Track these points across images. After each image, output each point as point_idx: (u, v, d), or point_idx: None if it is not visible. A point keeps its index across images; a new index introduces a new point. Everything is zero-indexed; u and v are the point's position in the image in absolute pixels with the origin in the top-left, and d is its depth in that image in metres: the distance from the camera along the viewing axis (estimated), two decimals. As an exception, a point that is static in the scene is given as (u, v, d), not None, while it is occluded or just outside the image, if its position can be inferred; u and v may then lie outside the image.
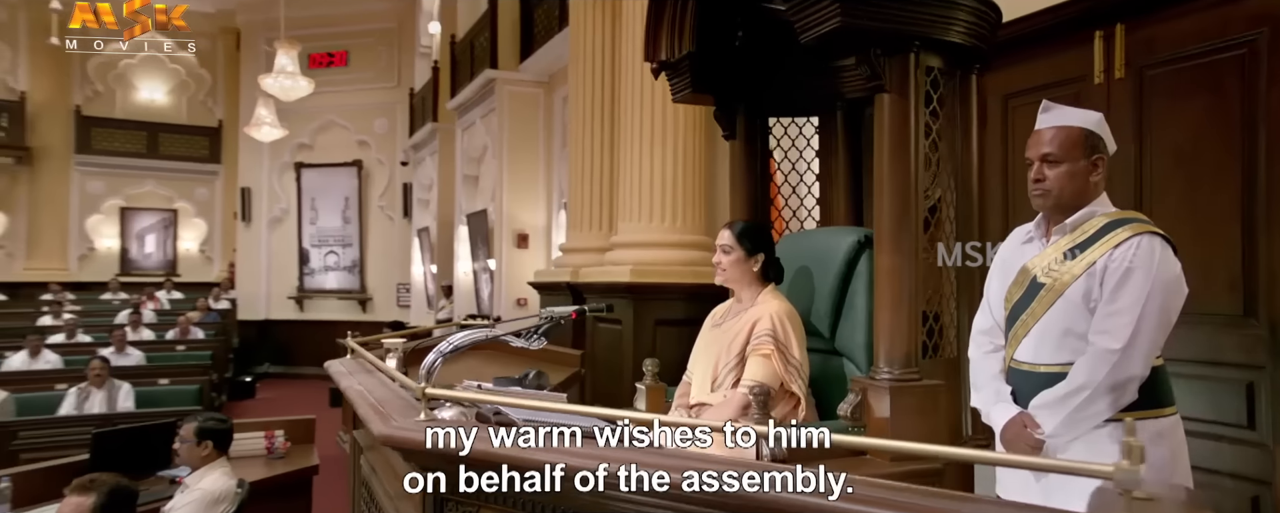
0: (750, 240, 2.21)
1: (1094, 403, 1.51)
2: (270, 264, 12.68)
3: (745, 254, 2.20)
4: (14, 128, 12.28)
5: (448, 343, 1.94)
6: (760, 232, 2.28)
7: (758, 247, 2.21)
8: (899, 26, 1.97)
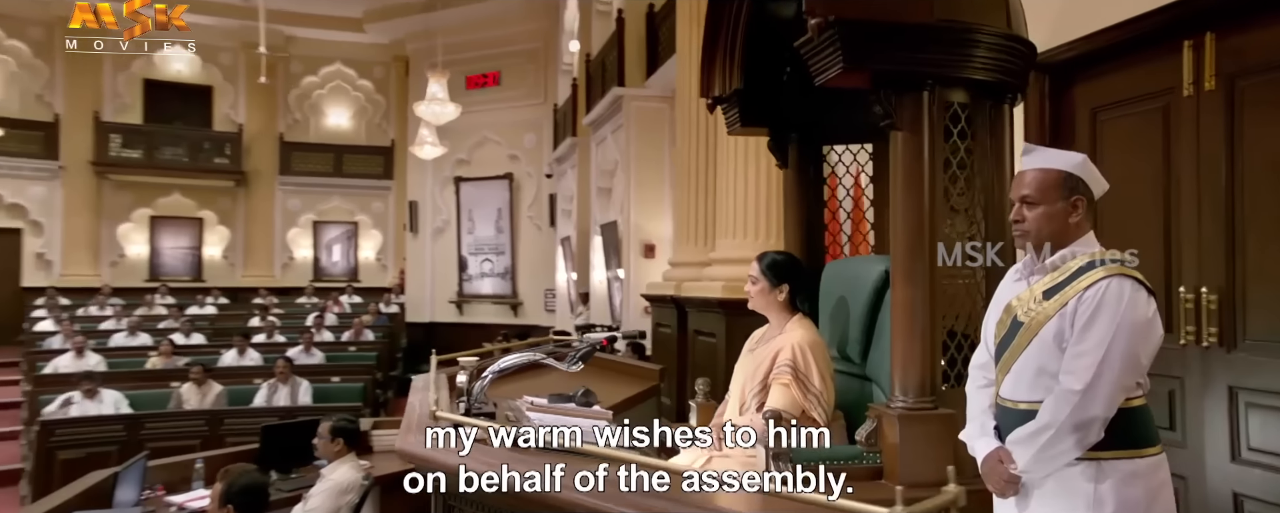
0: (775, 273, 2.35)
1: (1059, 442, 1.54)
2: (434, 271, 13.89)
3: (770, 285, 2.34)
4: (234, 154, 14.29)
5: (497, 366, 2.25)
6: (787, 264, 2.40)
7: (782, 278, 2.34)
8: (907, 68, 2.04)
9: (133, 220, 13.82)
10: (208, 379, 6.60)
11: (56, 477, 5.60)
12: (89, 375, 6.44)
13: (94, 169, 13.15)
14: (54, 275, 12.95)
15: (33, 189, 12.97)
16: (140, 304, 11.74)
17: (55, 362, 7.58)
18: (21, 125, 12.46)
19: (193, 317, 10.67)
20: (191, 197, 14.23)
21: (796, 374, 2.25)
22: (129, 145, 13.42)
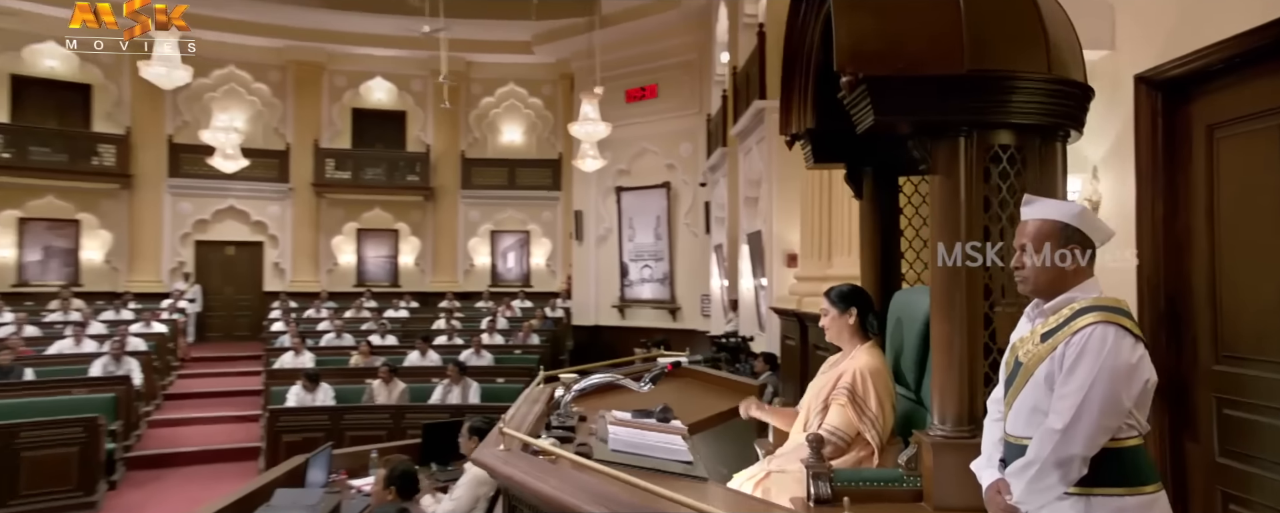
0: (842, 300, 2.55)
1: (1044, 477, 1.65)
2: (598, 277, 14.69)
3: (838, 312, 2.54)
4: (423, 172, 15.95)
5: (579, 385, 2.63)
6: (851, 292, 2.58)
7: (849, 303, 2.53)
8: (940, 117, 2.18)
9: (343, 233, 15.84)
10: (393, 378, 7.59)
11: (281, 456, 6.73)
12: (308, 372, 7.64)
13: (314, 189, 15.23)
14: (286, 282, 15.15)
15: (271, 208, 15.26)
16: (348, 307, 13.49)
17: (282, 358, 9.00)
18: (263, 154, 14.67)
19: (389, 319, 12.11)
20: (389, 211, 16.07)
21: (853, 397, 2.44)
22: (340, 167, 15.41)
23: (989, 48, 2.15)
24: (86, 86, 14.13)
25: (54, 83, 13.90)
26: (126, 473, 7.11)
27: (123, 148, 13.85)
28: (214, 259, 15.05)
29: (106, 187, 13.91)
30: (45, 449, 6.05)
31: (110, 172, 13.76)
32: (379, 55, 15.72)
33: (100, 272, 14.06)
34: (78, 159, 13.54)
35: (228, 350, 12.74)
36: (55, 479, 6.09)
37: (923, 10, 2.20)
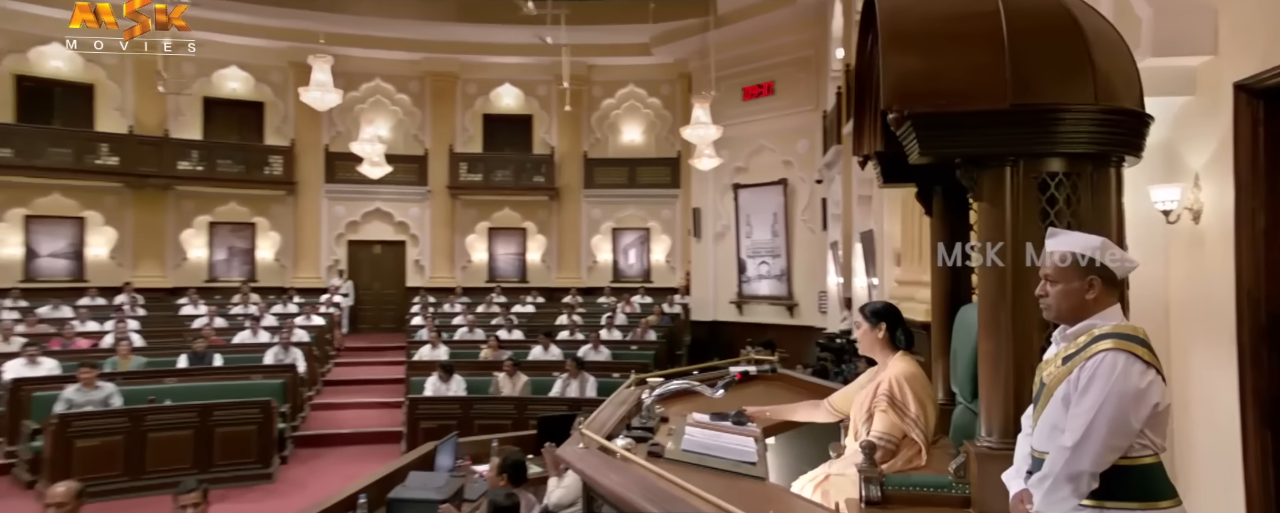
0: (874, 316, 2.74)
1: (1058, 489, 1.80)
2: (716, 273, 14.94)
3: (870, 326, 2.73)
4: (548, 173, 16.76)
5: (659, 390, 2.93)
6: (882, 309, 2.77)
7: (879, 319, 2.72)
8: (985, 149, 2.31)
9: (476, 232, 16.92)
10: (517, 371, 8.21)
11: (419, 440, 7.48)
12: (443, 364, 8.41)
13: (449, 192, 16.37)
14: (425, 278, 16.40)
15: (412, 209, 16.54)
16: (480, 302, 14.46)
17: (421, 351, 9.88)
18: (404, 160, 15.92)
19: (516, 314, 12.90)
20: (517, 210, 17.00)
21: (893, 402, 2.63)
22: (472, 170, 16.47)
23: (1033, 81, 2.26)
24: (260, 104, 15.86)
25: (235, 102, 15.72)
26: (294, 450, 8.12)
27: (288, 158, 15.47)
28: (364, 257, 16.51)
29: (275, 193, 15.59)
30: (232, 426, 7.07)
31: (278, 180, 15.42)
32: (507, 63, 16.64)
33: (271, 269, 15.79)
34: (253, 169, 15.26)
35: (375, 341, 13.99)
36: (240, 452, 7.10)
37: (967, 47, 2.33)
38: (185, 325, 11.51)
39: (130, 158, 13.97)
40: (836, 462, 2.80)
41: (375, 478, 4.07)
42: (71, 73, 14.16)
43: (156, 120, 14.56)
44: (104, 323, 10.91)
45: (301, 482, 7.24)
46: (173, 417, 6.97)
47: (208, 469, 6.85)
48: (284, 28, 14.95)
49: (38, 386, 7.48)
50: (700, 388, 3.07)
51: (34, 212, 13.76)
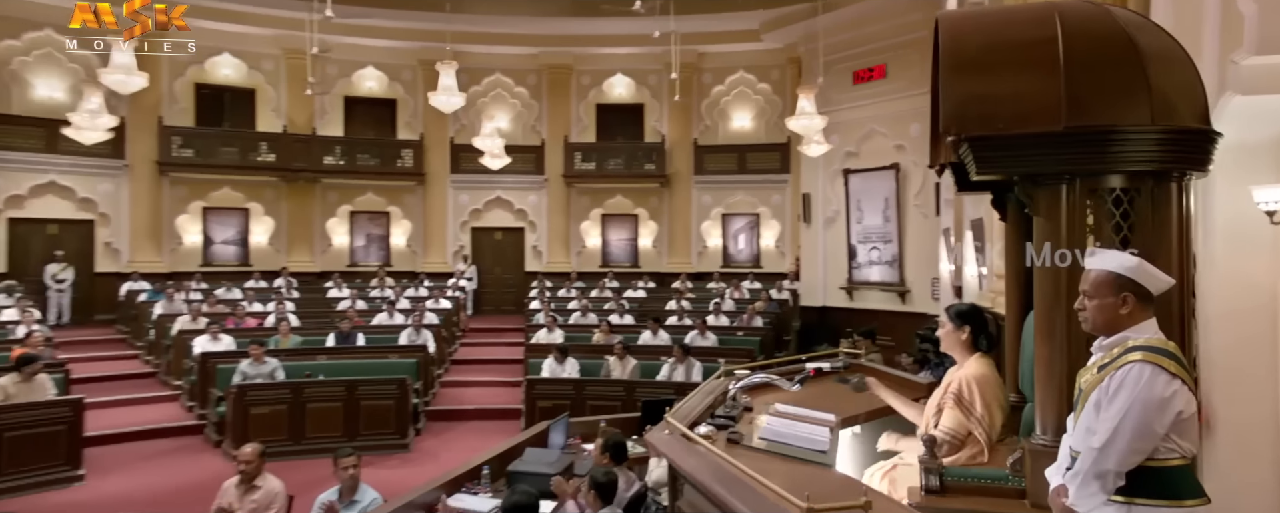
0: (959, 318, 2.91)
1: (1087, 485, 1.99)
2: (825, 258, 14.89)
3: (954, 327, 2.91)
4: (659, 161, 17.16)
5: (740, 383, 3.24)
6: (969, 311, 2.93)
7: (964, 322, 2.89)
8: (1040, 169, 2.47)
9: (590, 218, 17.59)
10: (627, 355, 8.68)
11: (536, 418, 8.10)
12: (559, 347, 9.00)
13: (565, 180, 17.09)
14: (543, 262, 17.25)
15: (530, 197, 17.40)
16: (594, 287, 15.09)
17: (538, 334, 10.55)
18: (522, 150, 16.75)
19: (628, 299, 13.42)
20: (629, 197, 17.53)
21: (960, 401, 2.83)
22: (586, 160, 17.10)
23: (1088, 104, 2.40)
24: (393, 101, 17.10)
25: (371, 100, 17.03)
26: (427, 423, 8.96)
27: (418, 151, 16.63)
28: (486, 243, 17.53)
29: (407, 184, 16.82)
30: (374, 400, 7.93)
31: (410, 172, 16.62)
32: (619, 54, 17.11)
33: (403, 254, 17.08)
34: (387, 162, 16.52)
35: (497, 323, 14.91)
36: (381, 424, 7.96)
37: (1024, 72, 2.49)
38: (331, 306, 12.75)
39: (285, 154, 15.49)
40: (907, 452, 3.02)
41: (497, 452, 4.61)
42: (238, 79, 15.81)
43: (305, 119, 16.02)
44: (266, 304, 12.27)
45: (434, 452, 8.02)
46: (325, 390, 7.91)
47: (354, 438, 7.72)
48: (413, 29, 16.03)
49: (220, 359, 8.64)
50: (779, 381, 3.35)
51: (209, 204, 15.55)
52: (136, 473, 7.23)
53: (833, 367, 3.68)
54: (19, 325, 9.71)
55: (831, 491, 2.12)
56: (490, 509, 3.78)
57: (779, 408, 3.29)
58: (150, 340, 11.12)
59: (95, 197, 14.38)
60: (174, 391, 9.72)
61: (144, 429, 8.40)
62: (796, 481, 2.27)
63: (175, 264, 15.02)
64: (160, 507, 5.23)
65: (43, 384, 7.14)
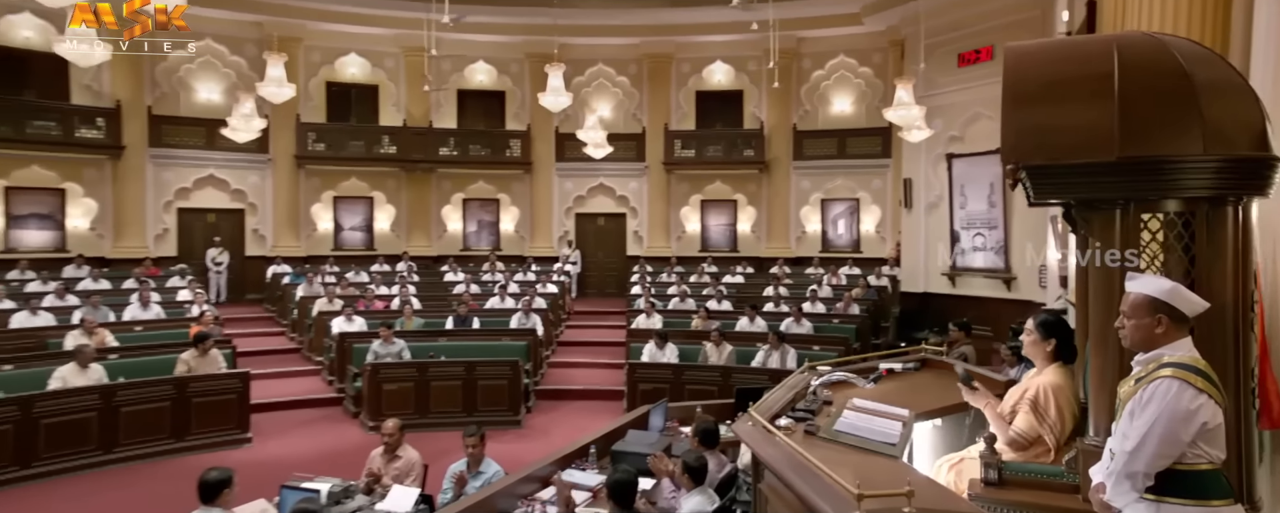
0: (1045, 329, 3.14)
1: (1120, 484, 2.25)
2: (927, 244, 14.69)
3: (1040, 337, 3.14)
4: (757, 147, 17.32)
5: (820, 380, 3.58)
6: (1054, 323, 3.15)
7: (1050, 333, 3.12)
8: (1094, 195, 2.68)
9: (689, 204, 17.97)
10: (723, 341, 9.06)
11: (638, 400, 8.64)
12: (658, 332, 9.48)
13: (665, 167, 17.52)
14: (643, 247, 17.80)
15: (630, 184, 17.95)
16: (693, 272, 15.50)
17: (638, 319, 11.07)
18: (623, 138, 17.29)
19: (726, 285, 13.76)
20: (728, 183, 17.79)
21: (1035, 406, 3.07)
22: (685, 147, 17.46)
23: (1141, 136, 2.60)
24: (501, 93, 17.98)
25: (482, 93, 17.97)
26: (536, 401, 9.66)
27: (525, 141, 17.46)
28: (589, 228, 18.24)
29: (515, 172, 17.70)
30: (490, 380, 8.67)
31: (517, 161, 17.47)
32: (718, 41, 17.30)
33: (512, 239, 18.02)
34: (497, 152, 17.44)
35: (600, 306, 15.58)
36: (496, 401, 8.70)
37: (1080, 105, 2.70)
38: (448, 290, 13.73)
39: (404, 146, 16.65)
40: (974, 447, 3.29)
41: (601, 433, 5.12)
42: (363, 77, 17.06)
43: (423, 112, 17.12)
44: (391, 287, 13.37)
45: (544, 429, 8.70)
46: (447, 370, 8.71)
47: (472, 413, 8.51)
48: (521, 24, 16.79)
49: (355, 339, 9.61)
50: (855, 379, 3.67)
51: (339, 193, 16.94)
52: (291, 438, 8.25)
53: (904, 367, 3.95)
54: (192, 305, 11.09)
55: (886, 480, 2.46)
56: (597, 484, 4.28)
57: (857, 403, 3.62)
58: (294, 319, 12.39)
59: (245, 188, 15.98)
60: (316, 365, 10.86)
61: (294, 400, 9.48)
62: (860, 471, 2.62)
63: (310, 249, 16.49)
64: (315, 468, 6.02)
65: (215, 358, 8.25)
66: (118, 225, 14.76)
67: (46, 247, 14.11)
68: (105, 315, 9.86)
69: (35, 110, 13.53)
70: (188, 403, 7.59)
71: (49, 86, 13.91)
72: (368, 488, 4.67)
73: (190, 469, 7.10)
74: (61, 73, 13.92)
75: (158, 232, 15.32)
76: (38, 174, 14.00)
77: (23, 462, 6.61)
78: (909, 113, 10.97)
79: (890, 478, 2.60)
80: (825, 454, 2.84)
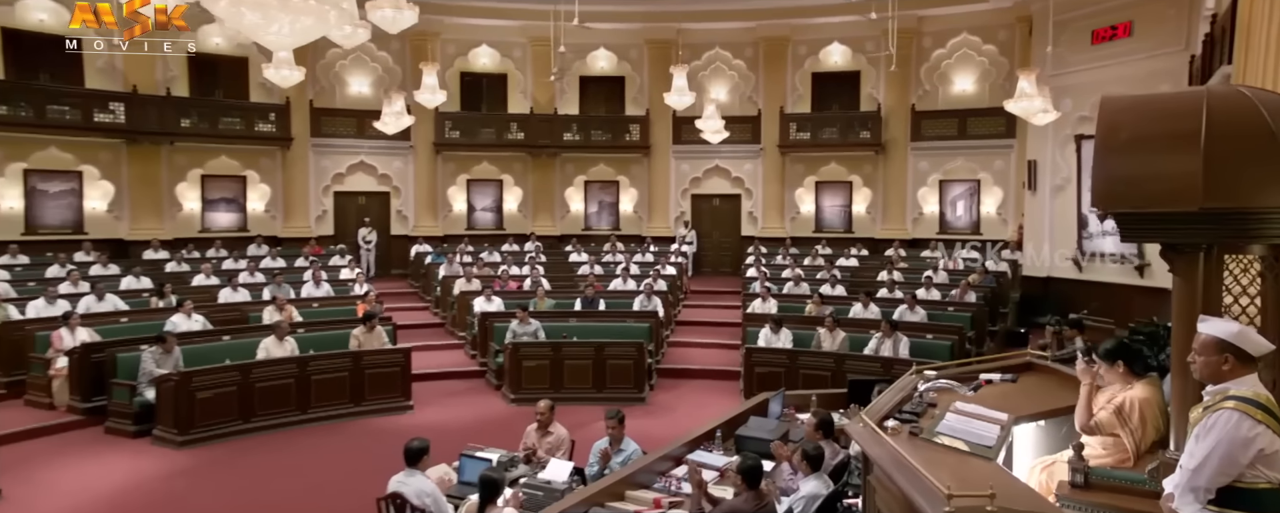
0: (1108, 356, 3.50)
1: (1184, 496, 2.64)
2: (1052, 228, 14.37)
3: (1108, 366, 3.51)
4: (874, 129, 17.25)
5: (925, 386, 4.03)
6: (1115, 350, 3.51)
7: (1114, 359, 3.48)
8: (1179, 240, 3.01)
9: (804, 185, 18.17)
10: (836, 328, 9.46)
11: (754, 383, 9.22)
12: (773, 318, 9.99)
13: (779, 150, 17.77)
14: (757, 228, 18.20)
15: (745, 166, 18.32)
16: (807, 254, 15.81)
17: (753, 304, 11.59)
18: (739, 121, 17.64)
19: (840, 268, 14.01)
20: (843, 164, 17.85)
21: (1119, 411, 3.45)
22: (801, 129, 17.63)
23: (1224, 187, 2.89)
24: (621, 78, 18.68)
25: (602, 78, 18.75)
26: (658, 380, 10.41)
27: (644, 125, 18.12)
28: (704, 209, 18.79)
29: (633, 155, 18.44)
30: (617, 360, 9.47)
31: (636, 144, 18.19)
32: (835, 23, 17.25)
33: (630, 220, 18.85)
34: (617, 136, 18.23)
35: (715, 285, 16.15)
36: (622, 380, 9.50)
37: (1168, 157, 3.00)
38: (573, 270, 14.70)
39: (532, 132, 17.73)
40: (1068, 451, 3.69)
41: (725, 418, 5.75)
42: (493, 67, 18.19)
43: (547, 99, 18.09)
44: (522, 267, 14.46)
45: (667, 406, 9.44)
46: (579, 349, 9.57)
47: (602, 390, 9.35)
48: (640, 11, 17.39)
49: (495, 318, 10.66)
50: (957, 387, 4.10)
51: (472, 177, 18.27)
52: (446, 406, 9.37)
53: (1002, 379, 4.33)
54: (354, 284, 12.54)
55: (978, 480, 2.94)
56: (723, 465, 4.91)
57: (960, 406, 4.07)
58: (437, 296, 13.68)
59: (390, 172, 17.54)
60: (459, 340, 12.06)
61: (443, 371, 10.66)
62: (956, 471, 3.11)
63: (447, 228, 17.92)
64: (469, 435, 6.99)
65: (380, 334, 9.45)
66: (286, 208, 16.63)
67: (232, 227, 16.15)
68: (288, 292, 11.34)
69: (224, 108, 15.50)
70: (362, 374, 8.81)
71: (232, 86, 15.84)
72: (526, 459, 5.51)
73: (366, 430, 8.35)
74: (242, 74, 15.84)
75: (318, 213, 17.11)
76: (225, 163, 16.05)
77: (244, 417, 7.99)
78: (1031, 104, 10.81)
79: (982, 479, 3.07)
80: (927, 455, 3.33)
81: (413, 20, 8.90)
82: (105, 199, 14.74)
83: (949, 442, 3.63)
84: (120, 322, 9.43)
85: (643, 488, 4.68)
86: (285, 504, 6.39)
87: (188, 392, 7.62)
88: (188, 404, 7.62)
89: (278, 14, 5.36)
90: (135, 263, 13.19)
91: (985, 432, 3.77)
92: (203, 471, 7.08)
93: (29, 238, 13.70)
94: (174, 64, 15.27)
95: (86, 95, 13.84)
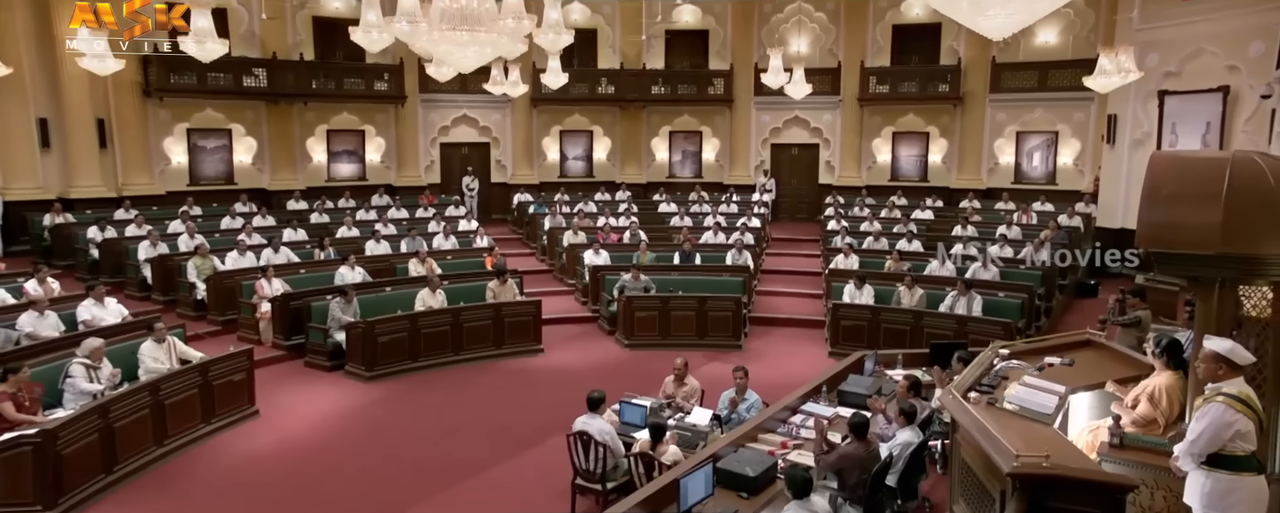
0: (1167, 352, 4.60)
1: (1185, 459, 3.81)
2: (1129, 182, 14.81)
3: (1159, 357, 4.62)
4: (953, 82, 17.66)
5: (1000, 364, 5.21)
6: (1168, 347, 4.60)
7: (1165, 353, 4.59)
8: (1199, 273, 4.06)
9: (881, 136, 18.82)
10: (915, 286, 10.52)
11: (839, 335, 10.43)
12: (856, 274, 11.09)
13: (858, 103, 18.38)
14: (835, 176, 19.04)
15: (825, 116, 19.04)
16: (883, 206, 16.66)
17: (836, 259, 12.66)
18: (819, 73, 18.25)
19: (915, 221, 14.88)
20: (921, 116, 18.39)
21: (1151, 397, 4.59)
22: (880, 83, 18.16)
23: (1238, 235, 3.92)
24: (705, 32, 19.38)
25: (687, 32, 19.45)
26: (750, 328, 11.71)
27: (727, 79, 18.91)
28: (784, 158, 19.66)
29: (717, 108, 19.32)
30: (717, 312, 10.79)
31: (719, 98, 19.04)
32: (919, -27, 17.50)
33: (712, 168, 19.88)
34: (701, 89, 19.09)
35: (793, 232, 17.19)
36: (720, 329, 10.84)
37: (1195, 209, 4.02)
38: (664, 220, 15.95)
39: (621, 87, 18.73)
40: (1109, 419, 4.87)
41: (828, 375, 7.03)
42: (583, 22, 19.08)
43: (635, 53, 18.98)
44: (616, 217, 15.78)
45: (760, 352, 10.75)
46: (683, 302, 10.92)
47: (704, 338, 10.72)
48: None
49: (604, 271, 12.07)
50: (1023, 367, 5.27)
51: (565, 128, 19.49)
52: (567, 349, 10.91)
53: (1061, 362, 5.46)
54: (475, 236, 14.12)
55: (1041, 440, 4.17)
56: (831, 414, 6.21)
57: (1027, 380, 5.25)
58: (543, 245, 15.17)
59: (490, 125, 18.90)
60: (568, 287, 13.55)
61: (560, 317, 12.18)
62: (1023, 433, 4.33)
63: (541, 176, 19.31)
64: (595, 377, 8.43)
65: (511, 286, 10.97)
66: (399, 159, 18.24)
67: (353, 177, 17.89)
68: (420, 245, 12.95)
69: (347, 70, 17.00)
70: (502, 322, 10.39)
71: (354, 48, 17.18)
72: (667, 405, 6.92)
73: (507, 370, 9.97)
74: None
75: (427, 163, 18.68)
76: (347, 119, 17.71)
77: (413, 357, 9.71)
78: (1110, 81, 11.31)
79: (1042, 441, 4.30)
80: (1000, 420, 4.55)
81: (569, 40, 9.90)
82: (249, 153, 16.61)
83: (1016, 410, 4.84)
84: (299, 273, 11.20)
85: (769, 433, 6.03)
86: (464, 428, 7.99)
87: (372, 337, 9.31)
88: (372, 347, 9.32)
89: (468, 44, 6.58)
90: (283, 213, 15.08)
91: (1046, 402, 4.96)
92: (391, 401, 8.79)
93: (194, 188, 15.74)
94: (301, 28, 16.75)
95: (235, 63, 15.49)
